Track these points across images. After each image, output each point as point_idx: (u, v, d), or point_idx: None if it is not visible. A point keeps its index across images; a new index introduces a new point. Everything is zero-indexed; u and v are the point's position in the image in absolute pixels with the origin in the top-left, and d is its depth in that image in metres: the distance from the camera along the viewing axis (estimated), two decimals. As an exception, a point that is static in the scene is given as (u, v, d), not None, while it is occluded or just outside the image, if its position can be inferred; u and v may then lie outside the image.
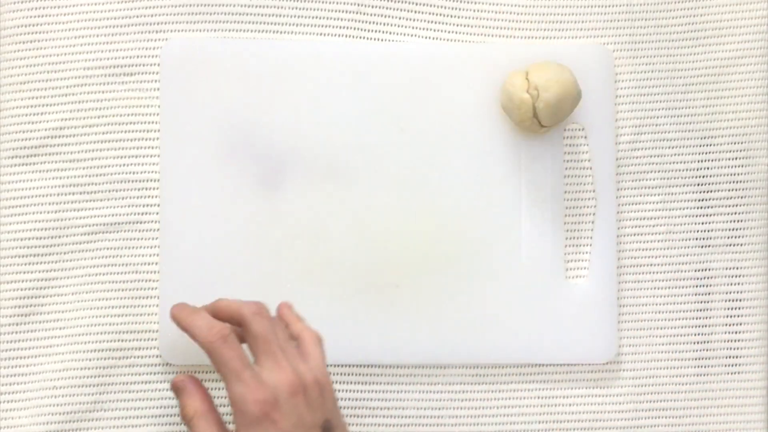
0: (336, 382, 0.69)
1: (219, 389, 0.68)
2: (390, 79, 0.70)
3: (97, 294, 0.68)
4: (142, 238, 0.69)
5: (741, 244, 0.71)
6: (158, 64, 0.69)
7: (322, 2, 0.71)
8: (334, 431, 0.59)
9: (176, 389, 0.61)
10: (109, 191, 0.69)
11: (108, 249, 0.69)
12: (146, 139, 0.69)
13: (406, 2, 0.71)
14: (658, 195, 0.71)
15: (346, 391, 0.69)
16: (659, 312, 0.71)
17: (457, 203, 0.69)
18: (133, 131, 0.69)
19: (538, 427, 0.70)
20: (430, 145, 0.70)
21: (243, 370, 0.57)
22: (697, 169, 0.71)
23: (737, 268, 0.71)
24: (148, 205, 0.69)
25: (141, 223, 0.69)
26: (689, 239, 0.71)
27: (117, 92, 0.69)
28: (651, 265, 0.71)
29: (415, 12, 0.71)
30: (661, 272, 0.71)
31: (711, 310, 0.71)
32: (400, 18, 0.71)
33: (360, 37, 0.71)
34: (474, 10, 0.72)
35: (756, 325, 0.71)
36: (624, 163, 0.71)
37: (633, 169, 0.71)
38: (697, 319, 0.71)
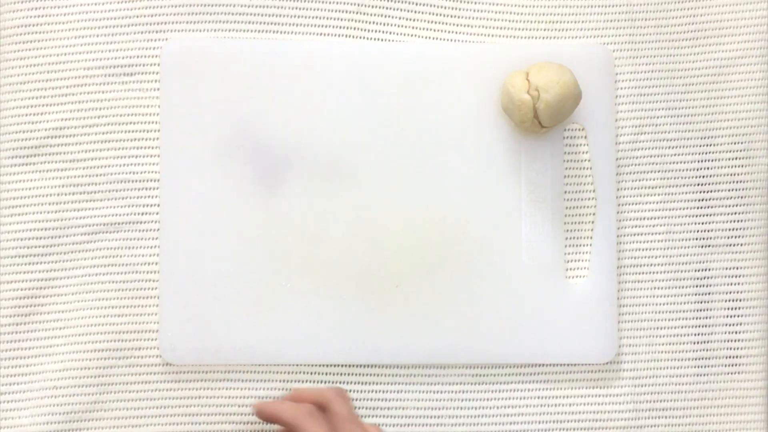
0: (336, 382, 0.69)
1: (221, 389, 0.68)
2: (390, 79, 0.70)
3: (97, 294, 0.68)
4: (142, 238, 0.69)
5: (741, 244, 0.71)
6: (158, 64, 0.69)
7: (322, 2, 0.71)
8: None
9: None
10: (109, 191, 0.69)
11: (108, 249, 0.69)
12: (146, 139, 0.69)
13: (406, 2, 0.71)
14: (658, 195, 0.71)
15: (347, 391, 0.69)
16: (659, 312, 0.71)
17: (457, 203, 0.69)
18: (133, 131, 0.69)
19: (538, 427, 0.70)
20: (431, 145, 0.70)
21: None
22: (697, 169, 0.71)
23: (737, 268, 0.71)
24: (148, 205, 0.69)
25: (141, 223, 0.69)
26: (689, 239, 0.71)
27: (117, 92, 0.69)
28: (651, 265, 0.71)
29: (415, 12, 0.71)
30: (661, 272, 0.71)
31: (711, 310, 0.71)
32: (400, 18, 0.71)
33: (360, 37, 0.71)
34: (474, 10, 0.72)
35: (756, 325, 0.71)
36: (624, 163, 0.71)
37: (633, 169, 0.71)
38: (697, 319, 0.71)
